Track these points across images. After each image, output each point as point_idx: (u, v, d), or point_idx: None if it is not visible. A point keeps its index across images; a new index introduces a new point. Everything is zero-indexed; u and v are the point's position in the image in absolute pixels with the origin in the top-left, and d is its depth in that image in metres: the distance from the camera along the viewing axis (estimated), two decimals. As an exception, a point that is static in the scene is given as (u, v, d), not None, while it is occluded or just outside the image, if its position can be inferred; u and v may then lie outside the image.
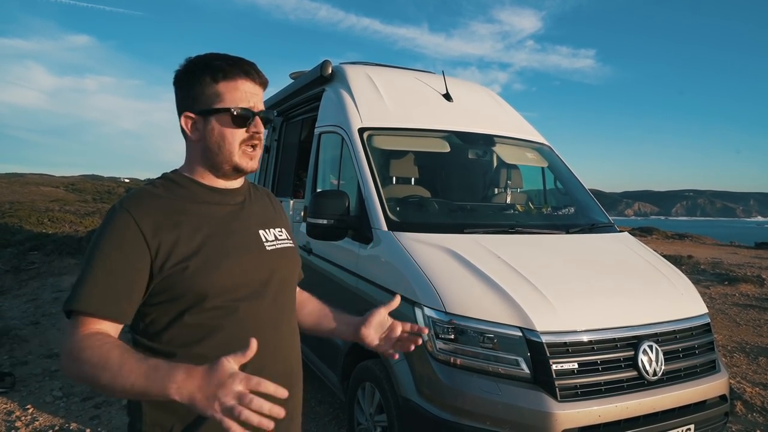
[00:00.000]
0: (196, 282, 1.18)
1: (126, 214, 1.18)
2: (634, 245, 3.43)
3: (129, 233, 1.16)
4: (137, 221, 1.17)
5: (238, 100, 1.25)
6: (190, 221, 1.23)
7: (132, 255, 1.16)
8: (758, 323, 6.92)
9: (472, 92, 4.59)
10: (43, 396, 4.17)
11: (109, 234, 1.17)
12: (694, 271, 10.77)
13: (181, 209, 1.24)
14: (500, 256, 2.79)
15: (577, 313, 2.51)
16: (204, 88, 1.26)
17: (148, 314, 1.22)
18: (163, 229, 1.19)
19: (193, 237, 1.21)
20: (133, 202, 1.22)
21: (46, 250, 10.18)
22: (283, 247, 1.40)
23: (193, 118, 1.28)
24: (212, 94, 1.25)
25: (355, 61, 4.65)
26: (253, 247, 1.31)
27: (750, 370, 5.13)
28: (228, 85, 1.25)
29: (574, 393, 2.36)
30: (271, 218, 1.44)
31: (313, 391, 4.26)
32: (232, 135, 1.26)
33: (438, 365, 2.46)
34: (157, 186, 1.28)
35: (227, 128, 1.26)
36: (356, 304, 3.10)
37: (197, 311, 1.20)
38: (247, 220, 1.34)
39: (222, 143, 1.26)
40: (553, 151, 4.35)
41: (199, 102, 1.27)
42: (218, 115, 1.25)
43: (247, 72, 1.27)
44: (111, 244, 1.16)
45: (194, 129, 1.28)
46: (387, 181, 3.78)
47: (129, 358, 1.05)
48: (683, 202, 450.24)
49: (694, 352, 2.76)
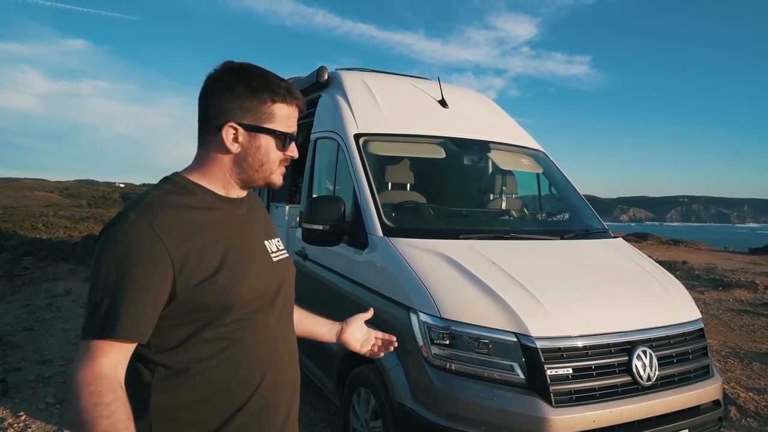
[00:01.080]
0: (223, 296, 1.17)
1: (145, 227, 1.11)
2: (628, 251, 3.45)
3: (154, 250, 1.10)
4: (160, 236, 1.11)
5: (289, 125, 1.29)
6: (208, 234, 1.19)
7: (158, 273, 1.10)
8: (752, 328, 6.95)
9: (467, 98, 4.61)
10: (36, 402, 4.14)
11: (132, 250, 1.10)
12: (688, 276, 10.81)
13: (198, 221, 1.19)
14: (495, 261, 2.80)
15: (571, 318, 2.52)
16: (260, 105, 1.24)
17: (160, 329, 1.15)
18: (186, 243, 1.14)
19: (215, 250, 1.19)
20: (153, 214, 1.14)
21: (40, 256, 10.13)
22: (284, 257, 1.41)
23: (237, 129, 1.24)
24: (268, 112, 1.26)
25: (351, 67, 4.68)
26: (263, 259, 1.32)
27: (744, 375, 5.15)
28: (283, 108, 1.27)
29: (568, 398, 2.37)
30: (270, 228, 1.45)
31: (308, 397, 4.25)
32: (276, 155, 1.29)
33: (433, 371, 2.46)
34: (169, 193, 1.21)
35: (273, 149, 1.28)
36: (351, 310, 3.07)
37: (218, 325, 1.18)
38: (255, 231, 1.35)
39: (265, 161, 1.28)
40: (548, 157, 4.37)
41: (249, 116, 1.24)
42: (269, 134, 1.27)
43: (299, 100, 1.31)
44: (136, 261, 1.09)
45: (235, 141, 1.25)
46: (382, 187, 3.79)
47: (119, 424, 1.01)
48: (678, 208, 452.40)
49: (687, 357, 2.77)
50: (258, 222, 1.38)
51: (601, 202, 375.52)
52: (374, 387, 2.78)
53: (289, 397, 1.36)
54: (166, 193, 1.21)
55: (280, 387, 1.28)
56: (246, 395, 1.23)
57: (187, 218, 1.18)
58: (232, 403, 1.22)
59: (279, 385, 1.19)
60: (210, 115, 1.26)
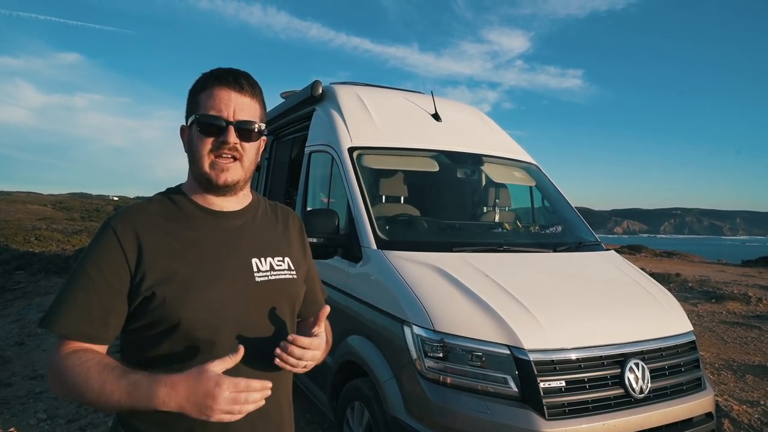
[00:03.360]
0: (165, 311, 1.14)
1: (110, 231, 1.16)
2: (620, 263, 3.48)
3: (110, 252, 1.14)
4: (120, 240, 1.15)
5: (208, 108, 1.20)
6: (173, 246, 1.18)
7: (111, 276, 1.13)
8: (745, 341, 6.97)
9: (460, 112, 4.66)
10: (26, 418, 4.10)
11: (93, 252, 1.16)
12: (682, 288, 10.85)
13: (169, 231, 1.20)
14: (488, 274, 2.81)
15: (564, 331, 2.54)
16: (190, 99, 1.25)
17: (130, 335, 1.20)
18: (143, 250, 1.15)
19: (169, 262, 1.16)
20: (121, 218, 1.19)
21: (33, 269, 10.07)
22: (277, 278, 1.29)
23: (184, 129, 1.27)
24: (194, 103, 1.23)
25: (345, 81, 4.72)
26: (238, 278, 1.23)
27: (737, 387, 5.16)
28: (205, 94, 1.21)
29: (561, 411, 2.37)
30: (274, 245, 1.34)
31: (302, 411, 4.22)
32: (201, 144, 1.20)
33: (427, 384, 2.46)
34: (153, 203, 1.25)
35: (197, 137, 1.21)
36: (345, 323, 3.10)
37: (175, 340, 1.16)
38: (238, 248, 1.26)
39: (194, 153, 1.22)
40: (541, 170, 4.41)
41: (187, 114, 1.26)
42: (193, 124, 1.22)
43: (221, 78, 1.21)
44: (92, 262, 1.15)
45: (184, 141, 1.27)
46: (376, 200, 3.81)
47: (109, 377, 1.04)
48: (671, 220, 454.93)
49: (680, 369, 2.78)
50: (252, 238, 1.30)
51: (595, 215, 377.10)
52: (368, 400, 2.78)
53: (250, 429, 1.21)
54: (150, 202, 1.26)
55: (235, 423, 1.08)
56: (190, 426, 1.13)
57: (153, 226, 1.20)
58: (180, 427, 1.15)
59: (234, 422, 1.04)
60: None
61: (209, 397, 0.98)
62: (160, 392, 1.01)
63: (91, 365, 1.07)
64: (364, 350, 2.90)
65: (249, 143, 1.24)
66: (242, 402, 1.00)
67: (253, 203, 1.36)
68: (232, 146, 1.21)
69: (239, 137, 1.22)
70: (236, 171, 1.24)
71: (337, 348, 3.16)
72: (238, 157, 1.23)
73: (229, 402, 0.99)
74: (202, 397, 0.99)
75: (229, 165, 1.22)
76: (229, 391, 0.99)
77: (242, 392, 1.00)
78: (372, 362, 2.80)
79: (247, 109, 1.23)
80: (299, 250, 1.43)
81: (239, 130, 1.21)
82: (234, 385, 0.99)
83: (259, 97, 1.27)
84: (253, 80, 1.26)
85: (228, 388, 0.99)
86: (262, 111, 1.28)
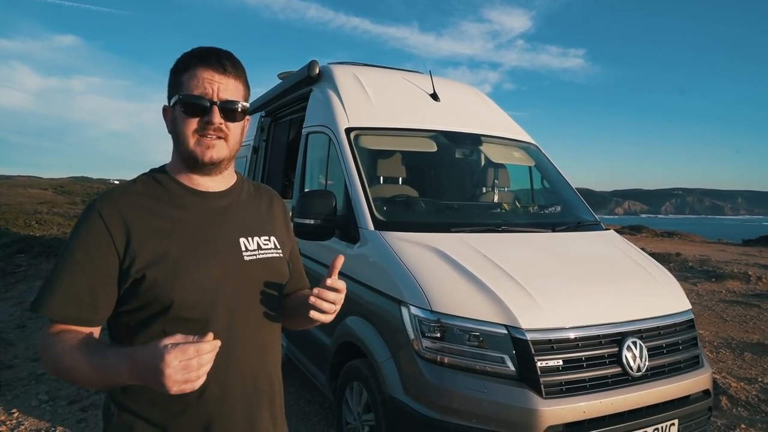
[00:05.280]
0: (157, 292, 1.14)
1: (96, 214, 1.16)
2: (619, 243, 3.46)
3: (96, 234, 1.14)
4: (107, 223, 1.14)
5: (192, 88, 1.20)
6: (161, 226, 1.19)
7: (98, 258, 1.13)
8: (744, 319, 7.00)
9: (459, 92, 4.60)
10: (28, 400, 4.13)
11: (78, 235, 1.16)
12: (682, 268, 10.87)
13: (156, 212, 1.20)
14: (486, 254, 2.80)
15: (561, 310, 2.53)
16: (172, 79, 1.24)
17: (119, 317, 1.20)
18: (130, 231, 1.15)
19: (159, 243, 1.17)
20: (106, 202, 1.18)
21: (33, 253, 10.08)
22: (265, 257, 1.31)
23: (167, 109, 1.26)
24: (177, 83, 1.23)
25: (343, 61, 4.66)
26: (227, 257, 1.25)
27: (735, 365, 5.19)
28: (188, 74, 1.21)
29: (559, 390, 2.38)
30: (259, 225, 1.36)
31: (302, 391, 4.25)
32: (184, 123, 1.21)
33: (424, 364, 2.47)
34: (137, 183, 1.25)
35: (180, 117, 1.21)
36: (343, 305, 3.09)
37: (164, 321, 1.16)
38: (226, 227, 1.27)
39: (178, 132, 1.22)
40: (540, 150, 4.37)
41: (169, 93, 1.25)
42: (177, 104, 1.22)
43: (204, 58, 1.21)
44: (78, 245, 1.14)
45: (168, 121, 1.26)
46: (374, 181, 3.78)
47: (81, 356, 1.06)
48: (672, 200, 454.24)
49: (677, 347, 2.79)
50: (238, 217, 1.31)
51: (596, 195, 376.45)
52: (366, 381, 2.79)
53: (243, 411, 1.26)
54: (134, 183, 1.25)
55: (230, 400, 1.18)
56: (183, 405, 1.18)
57: (140, 208, 1.19)
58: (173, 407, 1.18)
59: (229, 398, 1.12)
60: None
61: (157, 371, 0.95)
62: (124, 368, 1.02)
63: (74, 344, 1.08)
64: (363, 331, 2.90)
65: (234, 123, 1.24)
66: (195, 368, 0.96)
67: (237, 183, 1.37)
68: (217, 126, 1.21)
69: (224, 117, 1.21)
70: (222, 148, 1.24)
71: (336, 329, 3.17)
72: (223, 137, 1.23)
73: (179, 371, 0.94)
74: (151, 372, 0.96)
75: (214, 142, 1.22)
76: (178, 360, 0.94)
77: (192, 358, 0.95)
78: (370, 343, 2.80)
79: (231, 89, 1.23)
80: (283, 229, 1.45)
81: (223, 110, 1.21)
82: (182, 353, 0.95)
83: (242, 77, 1.27)
84: (236, 59, 1.26)
85: (175, 358, 0.94)
86: (245, 90, 1.28)
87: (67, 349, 1.08)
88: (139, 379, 1.00)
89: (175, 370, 0.94)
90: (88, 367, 1.05)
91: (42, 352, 1.14)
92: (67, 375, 1.09)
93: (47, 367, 1.13)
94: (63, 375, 1.10)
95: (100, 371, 1.04)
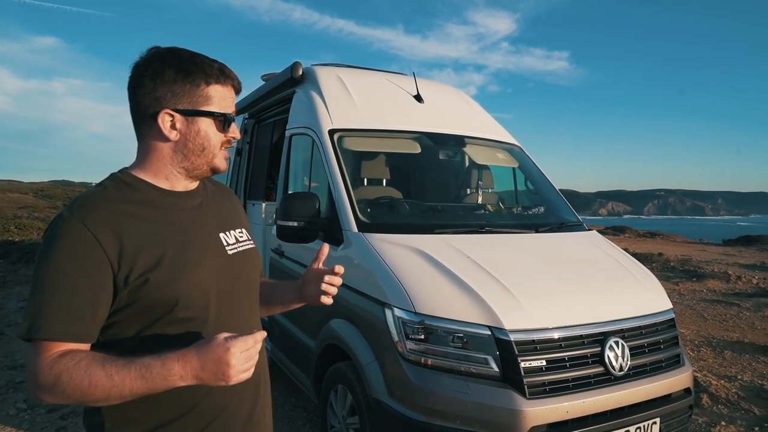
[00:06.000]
0: (161, 294, 1.14)
1: (78, 224, 1.10)
2: (601, 243, 3.49)
3: (85, 246, 1.08)
4: (93, 232, 1.09)
5: (226, 107, 1.26)
6: (150, 229, 1.17)
7: (93, 270, 1.08)
8: (724, 318, 7.11)
9: (442, 93, 4.61)
10: (6, 408, 4.05)
11: (64, 248, 1.08)
12: (664, 268, 11.02)
13: (138, 215, 1.17)
14: (470, 255, 2.80)
15: (544, 311, 2.54)
16: (194, 88, 1.21)
17: (110, 327, 1.15)
18: (122, 239, 1.12)
19: (154, 246, 1.15)
20: (86, 210, 1.12)
21: (12, 258, 9.90)
22: (244, 249, 1.36)
23: (173, 116, 1.21)
24: (203, 95, 1.22)
25: (327, 63, 4.64)
26: (215, 253, 1.27)
27: (716, 363, 5.27)
28: (218, 90, 1.24)
29: (542, 390, 2.39)
30: (231, 219, 1.40)
31: (287, 395, 4.22)
32: (216, 138, 1.26)
33: (408, 366, 2.46)
34: (108, 188, 1.20)
35: (214, 131, 1.25)
36: (327, 307, 3.07)
37: (163, 324, 1.16)
38: (206, 224, 1.29)
39: (206, 145, 1.24)
40: (524, 151, 4.40)
41: (184, 101, 1.20)
42: (206, 117, 1.23)
43: (234, 80, 1.28)
44: (67, 259, 1.07)
45: (173, 128, 1.21)
46: (358, 183, 3.77)
47: (113, 367, 1.04)
48: (655, 201, 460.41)
49: (659, 346, 2.81)
50: (213, 214, 1.34)
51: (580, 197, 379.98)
52: (351, 383, 2.77)
53: (250, 396, 1.33)
54: (105, 189, 1.20)
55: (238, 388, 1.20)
56: (197, 397, 1.20)
57: (123, 213, 1.16)
58: (183, 402, 1.19)
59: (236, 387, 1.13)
60: (142, 105, 1.21)
61: (222, 363, 1.04)
62: (176, 368, 1.04)
63: (89, 362, 1.04)
64: (347, 333, 2.89)
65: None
66: (254, 356, 1.08)
67: (201, 182, 1.38)
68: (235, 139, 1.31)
69: None
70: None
71: (320, 332, 3.15)
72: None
73: (242, 361, 1.05)
74: (215, 364, 1.04)
75: (225, 153, 1.31)
76: (240, 351, 1.04)
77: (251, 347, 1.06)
78: (354, 345, 2.79)
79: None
80: (246, 220, 1.51)
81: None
82: (244, 344, 1.05)
83: None
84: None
85: (239, 349, 1.04)
86: None
87: (85, 367, 1.03)
88: (193, 377, 1.05)
89: (239, 361, 1.04)
90: (127, 376, 1.03)
91: (46, 383, 1.05)
92: (89, 396, 1.03)
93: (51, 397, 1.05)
94: (78, 398, 1.04)
95: (145, 378, 1.03)
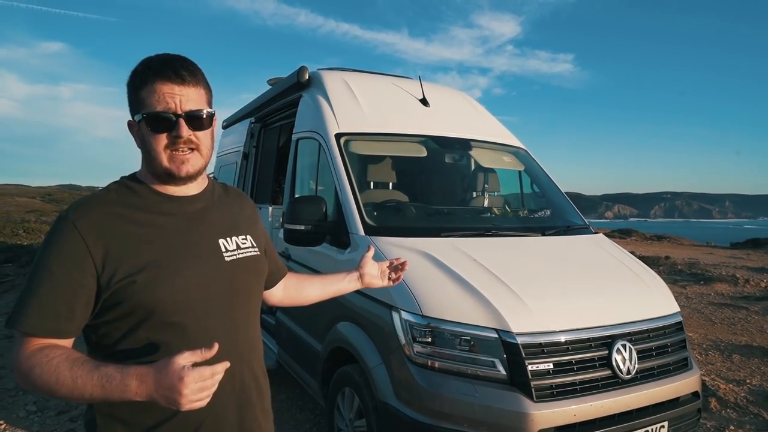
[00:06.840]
0: (144, 297, 1.14)
1: (70, 225, 1.14)
2: (608, 246, 3.49)
3: (72, 246, 1.12)
4: (81, 233, 1.13)
5: (154, 104, 1.17)
6: (140, 233, 1.18)
7: (75, 270, 1.12)
8: (732, 321, 7.07)
9: (448, 97, 4.63)
10: (16, 411, 4.08)
11: (52, 247, 1.13)
12: (671, 271, 10.96)
13: (133, 220, 1.19)
14: (476, 259, 2.81)
15: (551, 313, 2.54)
16: (132, 95, 1.22)
17: (99, 328, 1.19)
18: (109, 241, 1.14)
19: (142, 250, 1.17)
20: (80, 211, 1.16)
21: (21, 262, 9.98)
22: (244, 256, 1.34)
23: (132, 125, 1.24)
24: (137, 100, 1.20)
25: (332, 67, 4.67)
26: (210, 259, 1.26)
27: (724, 367, 5.23)
28: (146, 90, 1.18)
29: (549, 393, 2.39)
30: (235, 225, 1.38)
31: (294, 398, 4.23)
32: (154, 141, 1.19)
33: (415, 368, 2.46)
34: (110, 191, 1.24)
35: (148, 134, 1.20)
36: (335, 310, 3.10)
37: (148, 327, 1.16)
38: (205, 230, 1.29)
39: (149, 149, 1.21)
40: (529, 154, 4.40)
41: (132, 109, 1.23)
42: (141, 121, 1.20)
43: (160, 72, 1.18)
44: (53, 258, 1.12)
45: (135, 136, 1.24)
46: (364, 186, 3.78)
47: (79, 371, 1.05)
48: (661, 204, 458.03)
49: (666, 350, 2.81)
50: (216, 219, 1.33)
51: (586, 200, 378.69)
52: (358, 386, 2.78)
53: (235, 406, 1.30)
54: (107, 192, 1.24)
55: (221, 400, 1.20)
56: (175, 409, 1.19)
57: (117, 217, 1.18)
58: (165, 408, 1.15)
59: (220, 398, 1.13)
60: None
61: (174, 391, 1.00)
62: (132, 384, 1.03)
63: (59, 361, 1.07)
64: (354, 336, 2.90)
65: (202, 131, 1.24)
66: (209, 387, 1.02)
67: (209, 186, 1.38)
68: (187, 139, 1.20)
69: (191, 128, 1.21)
70: (196, 160, 1.25)
71: (327, 335, 3.16)
72: (195, 147, 1.23)
73: (195, 392, 1.01)
74: (168, 390, 1.01)
75: (188, 156, 1.23)
76: (194, 381, 1.00)
77: (207, 379, 1.02)
78: (361, 348, 2.80)
79: (193, 98, 1.21)
80: (256, 226, 1.47)
81: (190, 121, 1.20)
82: (199, 376, 1.01)
83: (201, 82, 1.25)
84: (192, 65, 1.23)
85: (192, 381, 1.00)
86: (207, 94, 1.27)
87: (55, 366, 1.06)
88: (147, 396, 1.03)
89: (192, 391, 1.00)
90: (89, 382, 1.04)
91: (20, 372, 1.09)
92: (55, 392, 1.07)
93: (26, 385, 1.10)
94: (46, 391, 1.07)
95: (104, 388, 1.04)
